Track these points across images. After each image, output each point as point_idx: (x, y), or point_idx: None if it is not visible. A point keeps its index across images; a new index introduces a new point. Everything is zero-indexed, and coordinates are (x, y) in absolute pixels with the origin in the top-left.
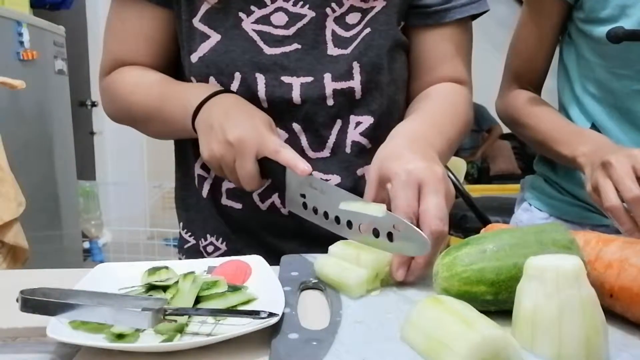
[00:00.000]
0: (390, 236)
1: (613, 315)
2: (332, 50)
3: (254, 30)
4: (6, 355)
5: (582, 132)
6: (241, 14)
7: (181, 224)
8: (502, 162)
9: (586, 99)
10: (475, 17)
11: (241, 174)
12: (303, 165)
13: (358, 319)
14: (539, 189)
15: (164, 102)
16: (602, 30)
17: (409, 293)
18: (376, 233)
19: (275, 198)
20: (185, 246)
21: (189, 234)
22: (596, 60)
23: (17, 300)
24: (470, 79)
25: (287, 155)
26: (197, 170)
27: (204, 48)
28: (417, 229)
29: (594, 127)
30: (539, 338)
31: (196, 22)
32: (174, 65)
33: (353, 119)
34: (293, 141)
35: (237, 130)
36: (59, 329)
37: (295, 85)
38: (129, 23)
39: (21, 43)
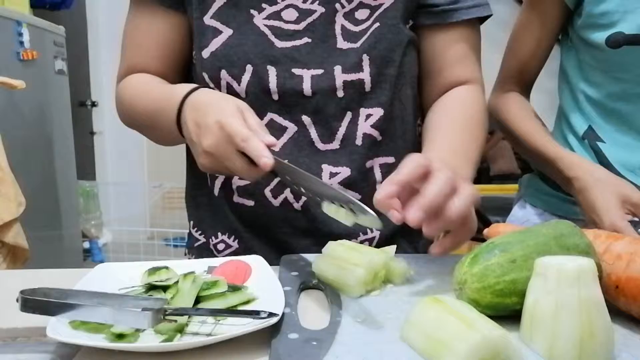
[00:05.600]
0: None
1: (615, 313)
2: (342, 44)
3: (265, 25)
4: (6, 355)
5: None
6: (252, 11)
7: (191, 222)
8: (502, 162)
9: (584, 102)
10: (482, 21)
11: (235, 171)
12: (265, 160)
13: (358, 319)
14: (535, 186)
15: (157, 111)
16: (600, 36)
17: (409, 293)
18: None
19: (287, 193)
20: (196, 244)
21: (199, 232)
22: (596, 65)
23: (17, 300)
24: (482, 78)
25: (252, 146)
26: None
27: (216, 43)
28: (364, 206)
29: (591, 129)
30: (536, 332)
31: (207, 19)
32: (187, 68)
33: (363, 111)
34: (302, 133)
35: (207, 140)
36: (59, 329)
37: (306, 77)
38: (141, 28)
39: (21, 43)
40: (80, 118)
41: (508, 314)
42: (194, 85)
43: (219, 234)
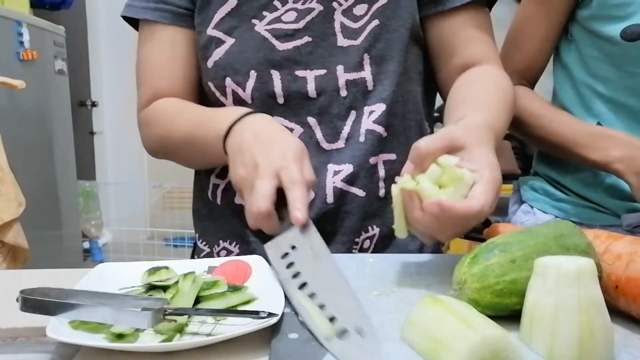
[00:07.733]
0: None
1: (615, 313)
2: (342, 42)
3: (265, 29)
4: (6, 355)
5: (609, 135)
6: (254, 20)
7: (197, 234)
8: (502, 162)
9: (592, 98)
10: (490, 5)
11: (254, 193)
12: (298, 214)
13: None
14: (542, 190)
15: (198, 127)
16: (614, 29)
17: (409, 293)
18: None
19: None
20: (201, 255)
21: (204, 242)
22: (606, 59)
23: (17, 300)
24: (499, 60)
25: (294, 196)
26: (213, 180)
27: (218, 52)
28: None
29: (600, 126)
30: (535, 332)
31: (209, 30)
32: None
33: (367, 109)
34: (308, 135)
35: (264, 155)
36: (59, 329)
37: (310, 78)
38: (158, 51)
39: (21, 43)
40: (80, 118)
41: (508, 314)
42: (242, 109)
43: (221, 241)
